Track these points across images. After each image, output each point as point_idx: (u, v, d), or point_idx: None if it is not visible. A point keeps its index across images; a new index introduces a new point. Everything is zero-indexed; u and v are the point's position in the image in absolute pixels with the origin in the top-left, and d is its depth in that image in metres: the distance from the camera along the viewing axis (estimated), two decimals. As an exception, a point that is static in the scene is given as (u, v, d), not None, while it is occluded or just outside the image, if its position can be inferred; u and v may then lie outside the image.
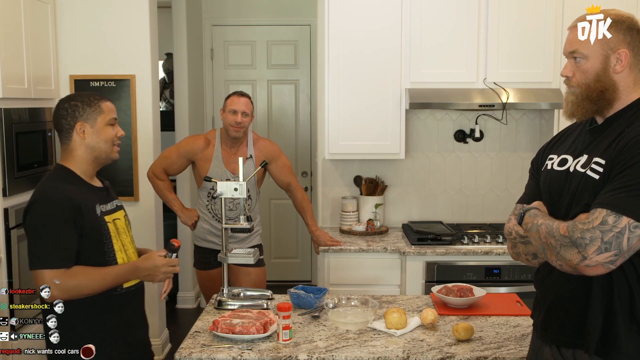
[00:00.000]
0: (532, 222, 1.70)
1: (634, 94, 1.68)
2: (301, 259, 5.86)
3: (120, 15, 3.99)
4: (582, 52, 1.68)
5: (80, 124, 2.11)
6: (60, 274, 1.97)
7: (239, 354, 2.07)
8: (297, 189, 3.54)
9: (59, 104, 2.15)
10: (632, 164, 1.53)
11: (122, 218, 2.24)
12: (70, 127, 2.12)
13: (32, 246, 2.02)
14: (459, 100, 3.61)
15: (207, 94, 5.64)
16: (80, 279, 2.00)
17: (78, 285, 2.00)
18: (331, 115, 3.73)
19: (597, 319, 1.60)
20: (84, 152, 2.13)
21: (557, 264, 1.62)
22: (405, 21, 3.64)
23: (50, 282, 1.95)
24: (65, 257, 2.00)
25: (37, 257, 1.99)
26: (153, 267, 2.11)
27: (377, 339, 2.20)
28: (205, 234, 3.45)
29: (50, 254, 1.98)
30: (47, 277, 1.96)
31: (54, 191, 2.03)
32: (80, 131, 2.11)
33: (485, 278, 3.41)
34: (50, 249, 1.98)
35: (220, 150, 3.38)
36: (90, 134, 2.12)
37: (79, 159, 2.14)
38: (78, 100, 2.13)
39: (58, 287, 1.96)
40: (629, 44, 1.65)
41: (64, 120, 2.12)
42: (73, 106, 2.12)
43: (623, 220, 1.50)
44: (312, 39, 5.52)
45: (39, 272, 1.98)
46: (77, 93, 2.19)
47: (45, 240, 1.99)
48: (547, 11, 3.60)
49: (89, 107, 2.12)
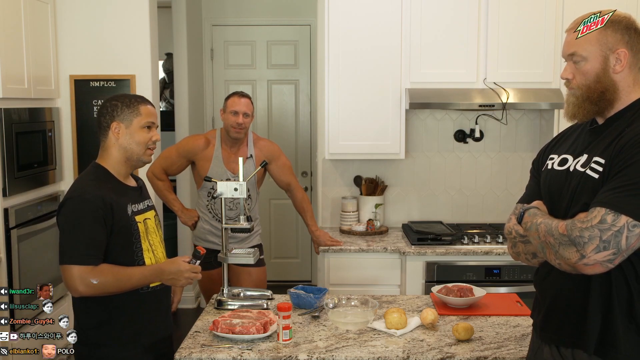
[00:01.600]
0: (531, 221, 1.70)
1: (634, 94, 1.68)
2: (301, 259, 5.86)
3: (120, 15, 3.99)
4: (581, 53, 1.68)
5: (116, 124, 2.14)
6: (88, 270, 2.00)
7: (239, 354, 2.07)
8: (297, 189, 3.54)
9: (103, 102, 2.20)
10: (631, 164, 1.53)
11: (152, 218, 2.26)
12: (107, 126, 2.15)
13: (63, 242, 2.05)
14: (459, 100, 3.61)
15: (207, 94, 5.64)
16: (108, 276, 2.03)
17: (105, 283, 2.02)
18: (331, 115, 3.73)
19: (596, 319, 1.61)
20: (117, 151, 2.16)
21: (556, 263, 1.62)
22: (405, 21, 3.64)
23: (78, 277, 1.99)
24: (94, 254, 2.03)
25: (67, 252, 2.03)
26: (177, 271, 2.15)
27: (377, 339, 2.20)
28: (205, 234, 3.45)
29: (80, 251, 2.01)
30: (75, 272, 2.00)
31: (86, 189, 2.06)
32: (115, 131, 2.14)
33: (485, 278, 3.41)
34: (80, 246, 2.01)
35: (221, 150, 3.38)
36: (124, 135, 2.14)
37: (113, 158, 2.17)
38: (119, 100, 2.16)
39: (84, 283, 1.99)
40: (627, 43, 1.65)
41: (102, 118, 2.16)
42: (113, 105, 2.15)
43: (622, 219, 1.50)
44: (312, 39, 5.52)
45: (68, 267, 2.01)
46: (123, 94, 2.24)
47: (76, 236, 2.02)
48: (547, 11, 3.60)
49: (127, 108, 2.15)
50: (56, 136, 3.93)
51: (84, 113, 4.02)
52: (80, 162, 4.04)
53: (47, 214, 3.79)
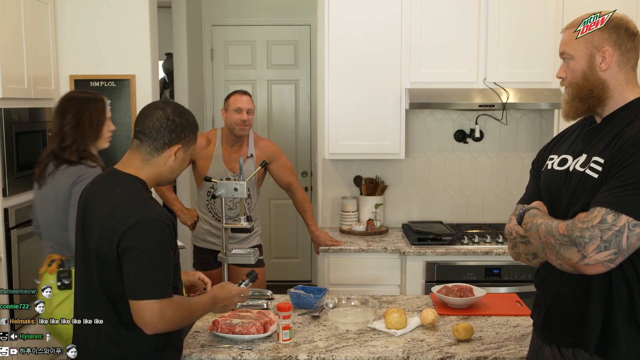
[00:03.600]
0: (531, 222, 1.70)
1: (629, 93, 1.70)
2: (301, 259, 5.86)
3: (120, 15, 3.99)
4: (569, 52, 1.73)
5: (180, 148, 1.90)
6: (168, 304, 1.78)
7: (239, 354, 2.07)
8: (298, 189, 3.54)
9: (167, 110, 1.90)
10: (631, 163, 1.54)
11: None
12: (168, 143, 1.88)
13: (139, 273, 1.77)
14: (459, 100, 3.61)
15: (207, 94, 5.64)
16: (183, 311, 1.84)
17: (181, 318, 1.83)
18: (331, 115, 3.73)
19: (597, 318, 1.61)
20: (158, 172, 1.91)
21: (557, 264, 1.63)
22: (406, 21, 3.64)
23: (159, 313, 1.75)
24: (171, 284, 1.82)
25: (146, 285, 1.76)
26: (229, 297, 2.07)
27: (377, 339, 2.20)
28: (204, 235, 3.45)
29: (161, 283, 1.77)
30: (156, 308, 1.75)
31: (155, 209, 1.82)
32: (175, 153, 1.90)
33: (485, 278, 3.41)
34: (161, 277, 1.78)
35: (221, 149, 3.38)
36: (179, 158, 1.92)
37: (150, 174, 1.91)
38: (187, 121, 1.93)
39: (165, 320, 1.77)
40: (615, 42, 1.67)
41: (167, 132, 1.87)
42: (182, 125, 1.90)
43: (622, 219, 1.50)
44: (312, 39, 5.52)
45: (147, 302, 1.75)
46: (188, 110, 1.98)
47: (156, 266, 1.78)
48: (547, 11, 3.60)
49: (193, 132, 1.94)
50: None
51: (84, 113, 4.02)
52: (80, 162, 4.03)
53: (47, 214, 3.78)
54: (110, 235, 1.79)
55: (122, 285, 1.80)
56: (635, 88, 1.71)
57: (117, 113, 3.95)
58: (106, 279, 1.83)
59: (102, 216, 1.83)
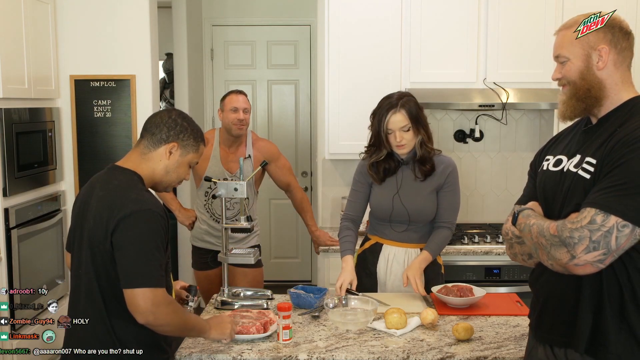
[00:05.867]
0: (525, 223, 1.71)
1: (624, 93, 1.70)
2: (301, 259, 5.86)
3: (120, 15, 3.99)
4: (565, 54, 1.72)
5: (176, 145, 1.96)
6: (162, 293, 1.80)
7: (239, 354, 2.07)
8: (297, 189, 3.54)
9: (172, 112, 2.01)
10: (621, 164, 1.54)
11: None
12: (165, 139, 1.95)
13: (132, 262, 1.79)
14: (459, 100, 3.61)
15: (207, 94, 5.64)
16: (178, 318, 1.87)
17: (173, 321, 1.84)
18: (331, 115, 3.73)
19: (587, 318, 1.61)
20: (153, 169, 1.96)
21: (549, 264, 1.63)
22: (405, 21, 3.64)
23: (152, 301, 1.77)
24: (164, 276, 1.84)
25: (140, 274, 1.77)
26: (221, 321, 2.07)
27: (377, 339, 2.20)
28: (202, 235, 3.45)
29: (156, 272, 1.80)
30: (149, 295, 1.77)
31: (150, 201, 1.86)
32: (170, 150, 1.96)
33: (485, 278, 3.41)
34: (156, 266, 1.80)
35: (219, 150, 3.39)
36: (174, 159, 1.97)
37: (148, 171, 1.96)
38: (190, 125, 2.00)
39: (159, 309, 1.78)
40: (610, 41, 1.68)
41: (166, 128, 1.95)
42: (183, 126, 1.98)
43: (611, 220, 1.50)
44: (312, 39, 5.52)
45: (141, 290, 1.76)
46: (194, 121, 2.04)
47: (151, 255, 1.80)
48: (547, 11, 3.60)
49: (193, 139, 2.00)
50: (56, 136, 3.93)
51: (84, 113, 4.02)
52: (81, 162, 4.03)
53: (47, 214, 3.79)
54: (105, 223, 1.81)
55: (114, 277, 1.82)
56: (630, 88, 1.71)
57: (117, 113, 3.95)
58: (97, 272, 1.84)
59: (98, 206, 1.86)
